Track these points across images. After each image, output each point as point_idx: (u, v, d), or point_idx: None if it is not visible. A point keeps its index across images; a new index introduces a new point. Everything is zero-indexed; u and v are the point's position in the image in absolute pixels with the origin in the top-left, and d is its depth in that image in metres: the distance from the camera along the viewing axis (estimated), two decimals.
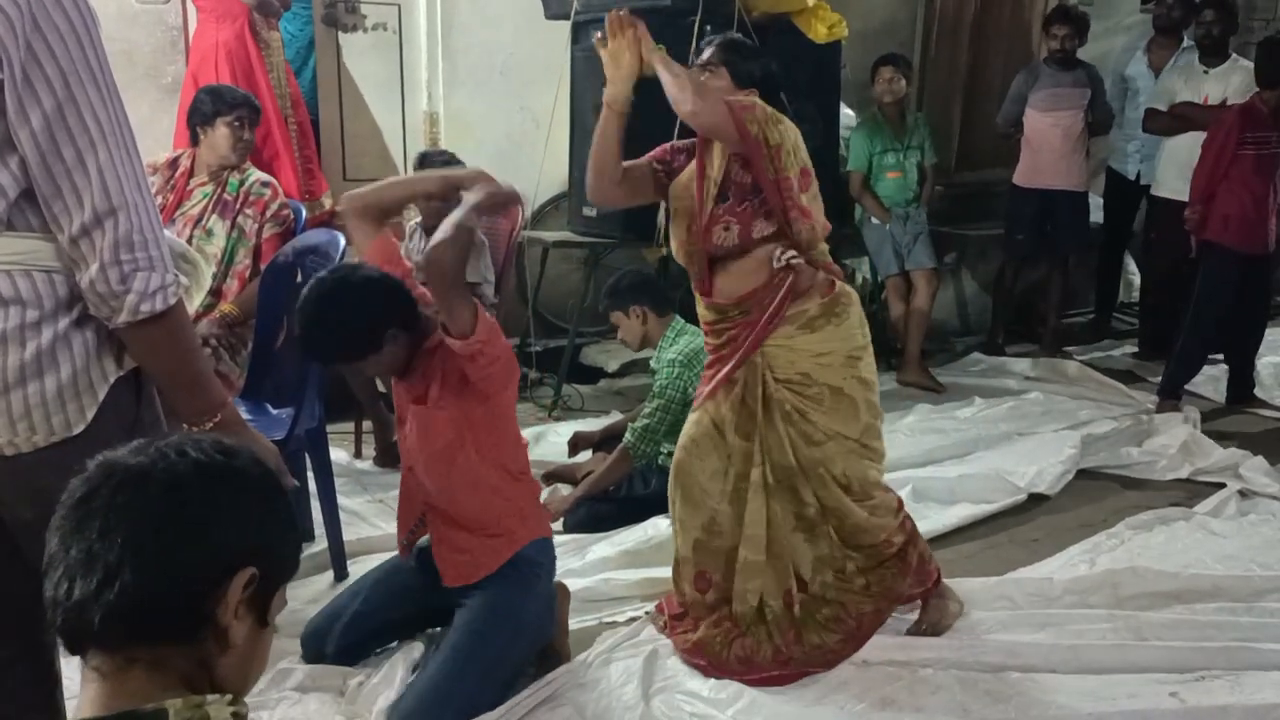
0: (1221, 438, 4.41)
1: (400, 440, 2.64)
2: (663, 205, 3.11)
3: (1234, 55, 5.42)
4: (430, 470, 2.50)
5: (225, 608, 1.03)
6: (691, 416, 2.78)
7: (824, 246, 2.71)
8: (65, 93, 1.38)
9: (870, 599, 2.70)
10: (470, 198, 2.35)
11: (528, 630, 2.57)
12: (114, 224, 1.42)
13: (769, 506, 2.66)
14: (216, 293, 3.40)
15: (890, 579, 2.72)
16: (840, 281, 2.72)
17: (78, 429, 1.49)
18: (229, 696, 1.04)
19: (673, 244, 2.77)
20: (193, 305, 1.70)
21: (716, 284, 2.68)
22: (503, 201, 2.48)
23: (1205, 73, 5.39)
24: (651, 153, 2.81)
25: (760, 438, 2.64)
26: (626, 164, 2.71)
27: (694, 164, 2.68)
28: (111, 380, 1.52)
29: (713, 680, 2.61)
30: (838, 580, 2.69)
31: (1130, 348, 5.97)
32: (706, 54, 2.71)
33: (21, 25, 1.35)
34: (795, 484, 2.65)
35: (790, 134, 2.56)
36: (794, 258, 2.59)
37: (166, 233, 1.71)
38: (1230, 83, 5.29)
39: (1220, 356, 5.14)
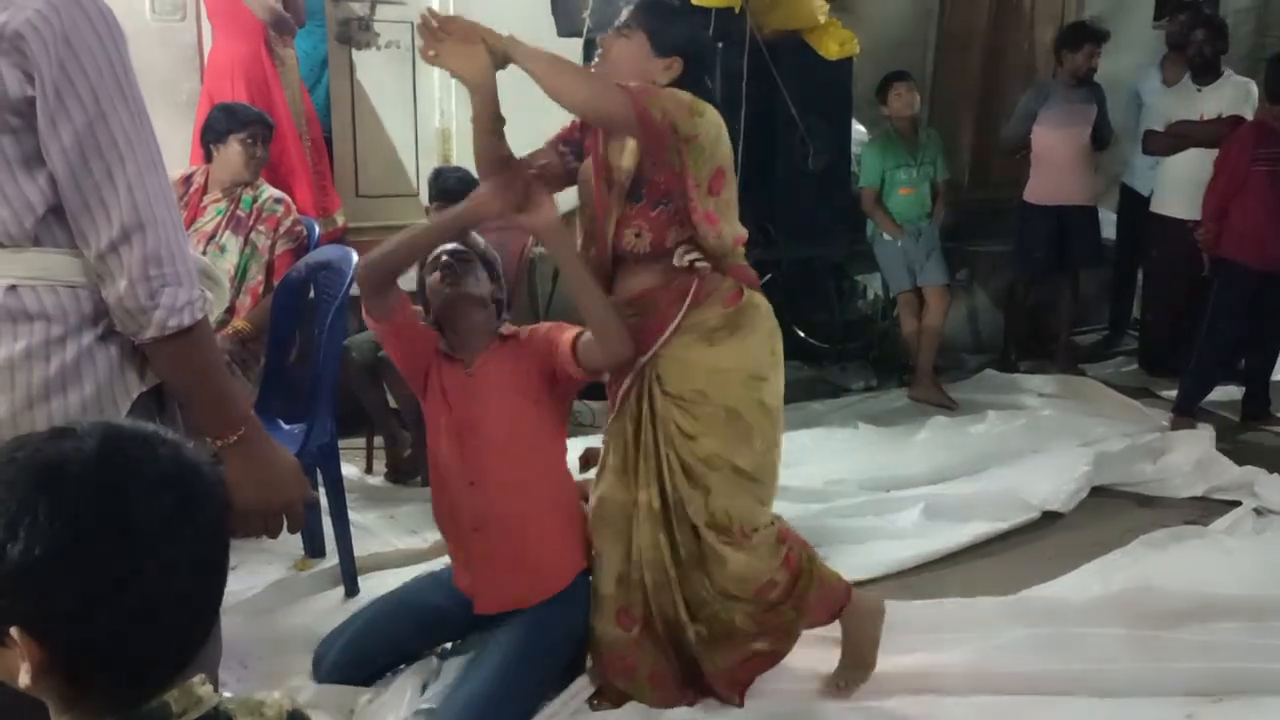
0: (1237, 455, 4.37)
1: (447, 454, 2.57)
2: None
3: (1226, 71, 5.43)
4: (507, 470, 2.48)
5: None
6: (609, 441, 2.52)
7: (740, 250, 2.45)
8: (96, 109, 1.40)
9: (766, 637, 2.49)
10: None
11: (566, 644, 2.56)
12: (142, 239, 1.43)
13: (654, 533, 2.44)
14: (229, 309, 3.41)
15: (786, 619, 2.50)
16: (751, 290, 2.43)
17: None
18: (201, 675, 1.00)
19: (577, 235, 2.50)
20: (214, 317, 1.71)
21: (616, 283, 2.43)
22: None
23: (1199, 91, 5.39)
24: (557, 134, 2.52)
25: (645, 458, 2.40)
26: (528, 155, 2.46)
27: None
28: (134, 396, 1.53)
29: None
30: (721, 623, 2.46)
31: None
32: (622, 16, 2.41)
33: (54, 43, 1.37)
34: (670, 518, 2.41)
35: (710, 128, 2.27)
36: (698, 259, 2.33)
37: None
38: (1224, 98, 5.30)
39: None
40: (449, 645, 2.71)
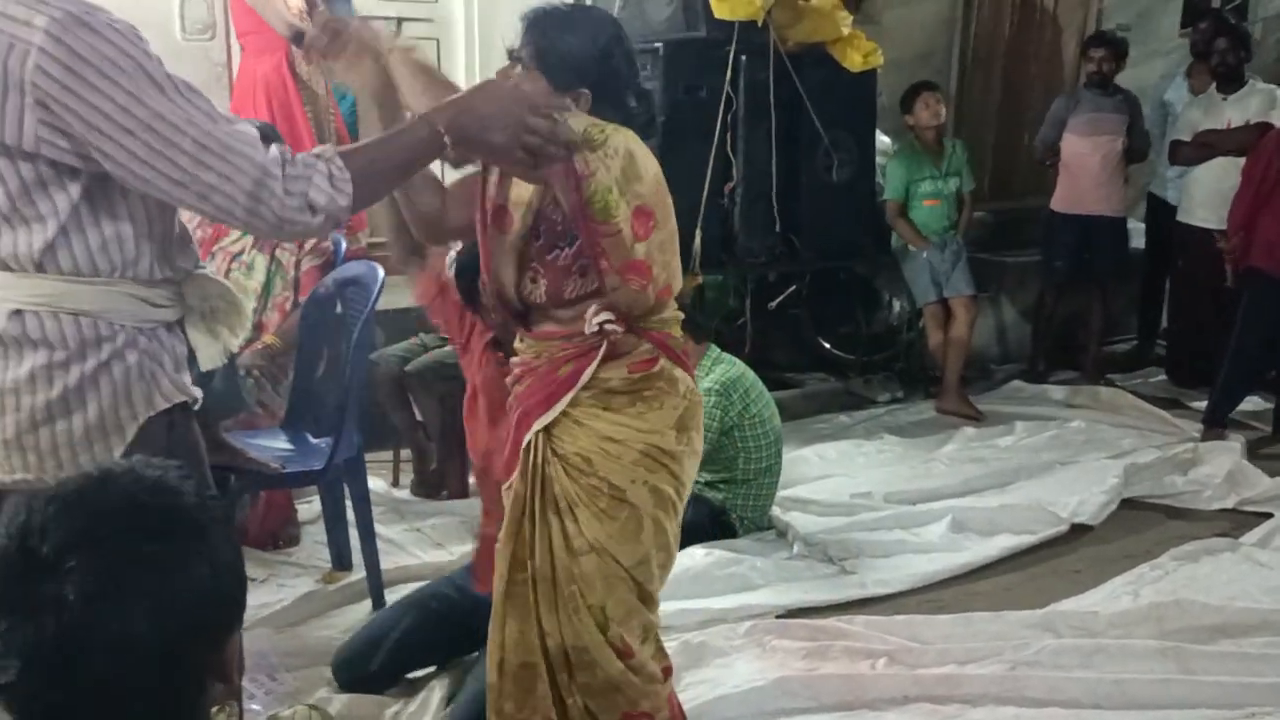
0: (1268, 467, 4.32)
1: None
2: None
3: (1251, 80, 5.39)
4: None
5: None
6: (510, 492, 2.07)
7: (668, 314, 2.01)
8: (142, 124, 1.44)
9: None
10: None
11: None
12: (269, 193, 1.51)
13: (526, 614, 2.02)
14: (258, 325, 3.44)
15: None
16: (670, 361, 2.00)
17: None
18: (228, 707, 1.02)
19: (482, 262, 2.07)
20: (235, 342, 1.74)
21: (532, 322, 2.06)
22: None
23: (1224, 99, 5.36)
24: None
25: (531, 522, 2.00)
26: (455, 183, 2.10)
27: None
28: (142, 420, 1.56)
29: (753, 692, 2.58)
30: None
31: None
32: (518, 44, 1.99)
33: (68, 75, 1.41)
34: (541, 600, 1.99)
35: (614, 161, 1.83)
36: (609, 321, 1.91)
37: (207, 268, 1.75)
38: (1249, 106, 5.26)
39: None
40: (476, 654, 2.72)
